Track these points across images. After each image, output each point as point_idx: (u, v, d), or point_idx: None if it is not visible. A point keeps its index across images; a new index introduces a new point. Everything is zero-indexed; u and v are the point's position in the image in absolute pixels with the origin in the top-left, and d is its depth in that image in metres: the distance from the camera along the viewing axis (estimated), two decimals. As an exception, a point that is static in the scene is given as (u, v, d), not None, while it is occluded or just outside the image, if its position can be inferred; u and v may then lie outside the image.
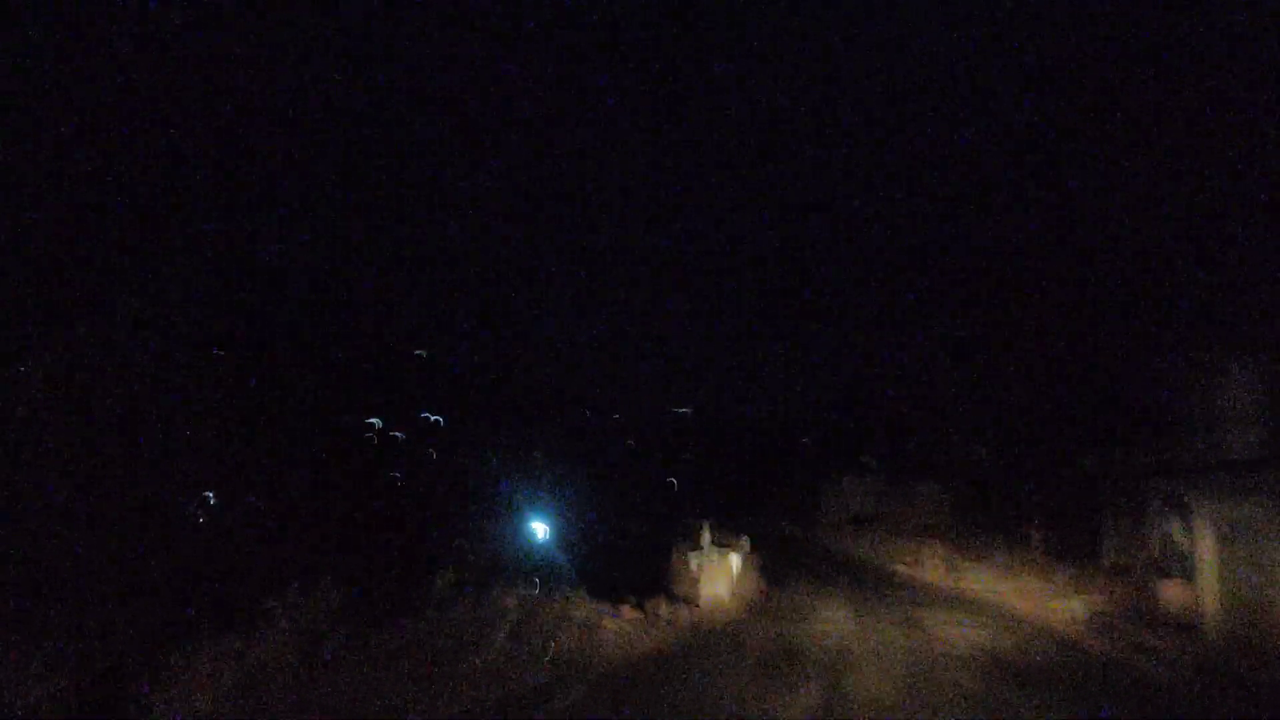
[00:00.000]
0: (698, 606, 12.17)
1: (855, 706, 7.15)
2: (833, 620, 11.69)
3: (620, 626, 8.83)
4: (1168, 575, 13.22)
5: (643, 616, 9.75)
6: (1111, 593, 14.61)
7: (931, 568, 20.51)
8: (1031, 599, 14.65)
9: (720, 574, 12.90)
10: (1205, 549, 11.09)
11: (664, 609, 10.64)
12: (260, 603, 6.00)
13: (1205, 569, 11.17)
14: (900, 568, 20.84)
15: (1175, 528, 13.02)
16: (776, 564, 22.16)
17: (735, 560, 16.63)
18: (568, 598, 9.21)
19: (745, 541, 21.77)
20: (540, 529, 30.54)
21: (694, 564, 12.82)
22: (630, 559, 20.04)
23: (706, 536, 13.26)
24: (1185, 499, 11.99)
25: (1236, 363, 10.81)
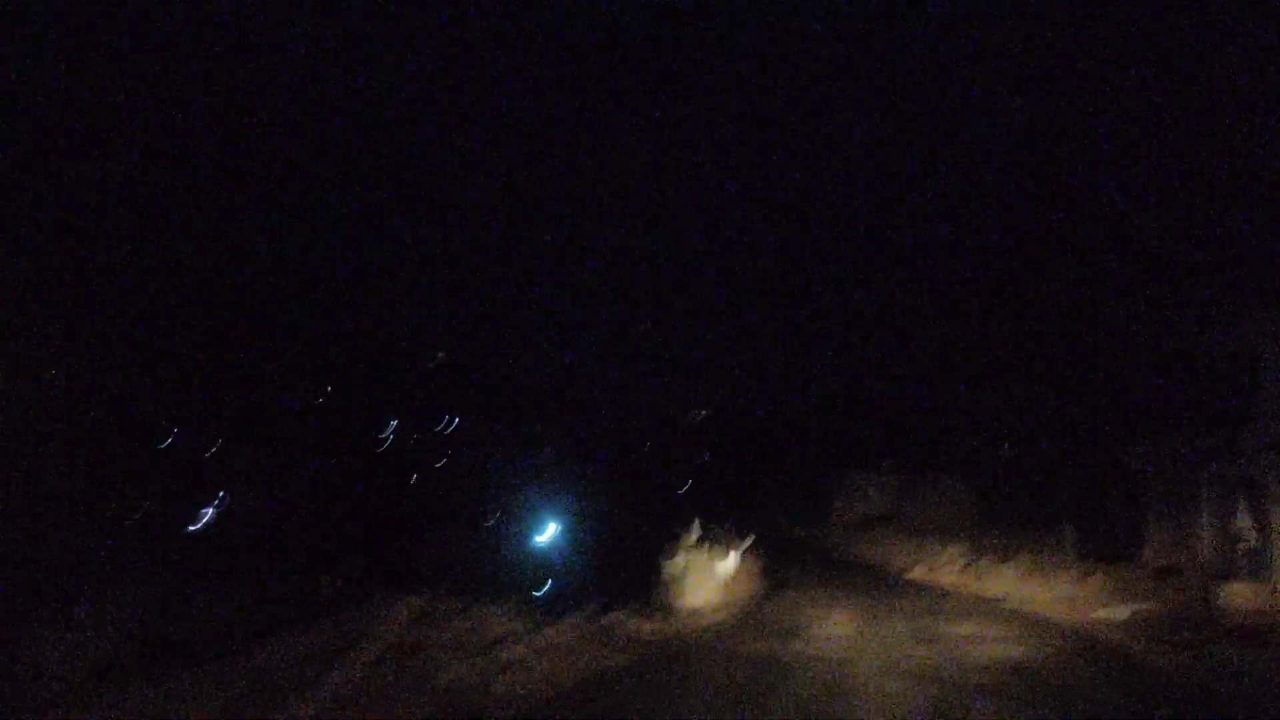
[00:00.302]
0: (675, 616, 10.34)
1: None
2: (835, 634, 9.82)
3: (540, 648, 6.92)
4: (1229, 575, 11.27)
5: (579, 635, 7.86)
6: (1162, 597, 12.64)
7: (950, 571, 18.54)
8: (1068, 605, 12.69)
9: (706, 578, 11.06)
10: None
11: (628, 622, 8.81)
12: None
13: (1285, 567, 9.22)
14: (916, 571, 18.87)
15: (1241, 519, 11.05)
16: (780, 566, 20.26)
17: (729, 561, 14.76)
18: (485, 610, 7.39)
19: (747, 542, 19.90)
20: (549, 529, 29.05)
21: (675, 566, 10.99)
22: (627, 562, 18.30)
23: (693, 535, 11.43)
24: (1258, 483, 10.02)
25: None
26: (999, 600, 13.62)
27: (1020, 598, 13.95)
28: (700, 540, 11.38)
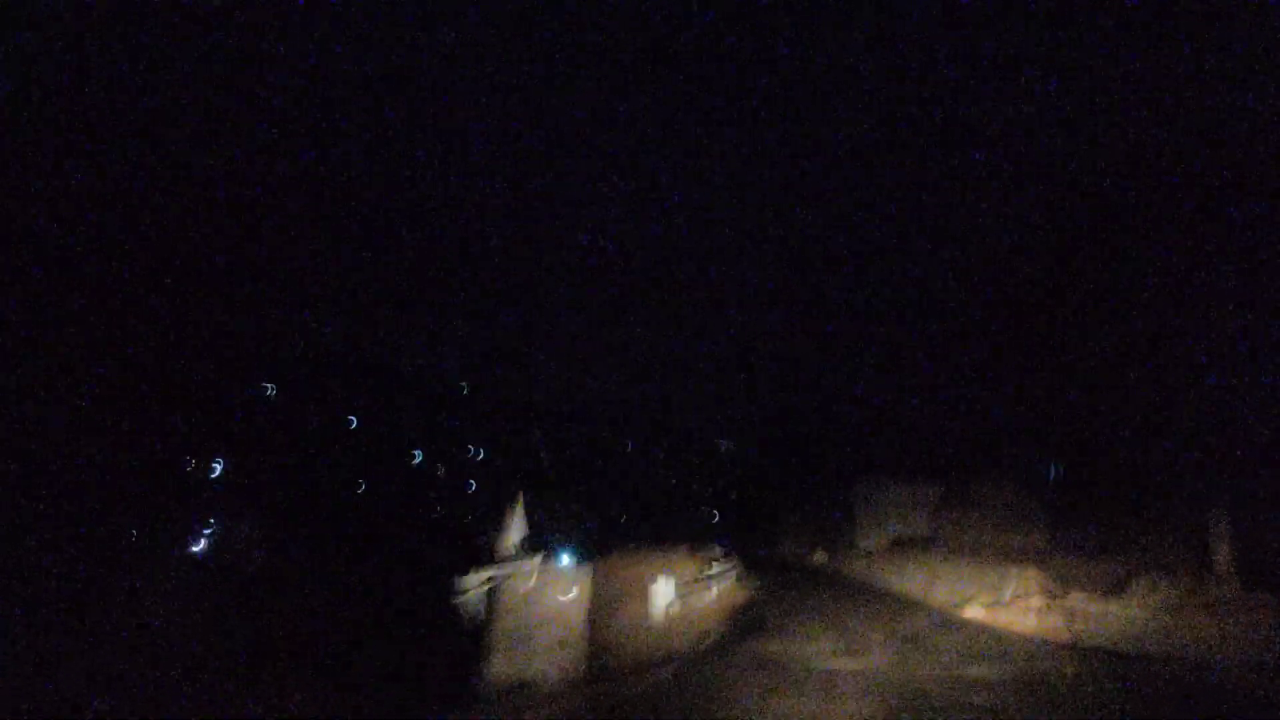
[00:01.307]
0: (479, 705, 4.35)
1: None
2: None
3: None
4: None
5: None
6: None
7: (1026, 609, 12.25)
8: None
9: (550, 620, 5.04)
10: None
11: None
12: None
13: None
14: (971, 609, 12.56)
15: None
16: (772, 597, 14.16)
17: (661, 588, 8.70)
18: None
19: (723, 566, 13.89)
20: (566, 561, 25.74)
21: (468, 599, 5.01)
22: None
23: (515, 531, 5.43)
24: None
25: None
26: (1146, 663, 7.35)
27: (1177, 656, 7.68)
28: (529, 545, 5.35)
